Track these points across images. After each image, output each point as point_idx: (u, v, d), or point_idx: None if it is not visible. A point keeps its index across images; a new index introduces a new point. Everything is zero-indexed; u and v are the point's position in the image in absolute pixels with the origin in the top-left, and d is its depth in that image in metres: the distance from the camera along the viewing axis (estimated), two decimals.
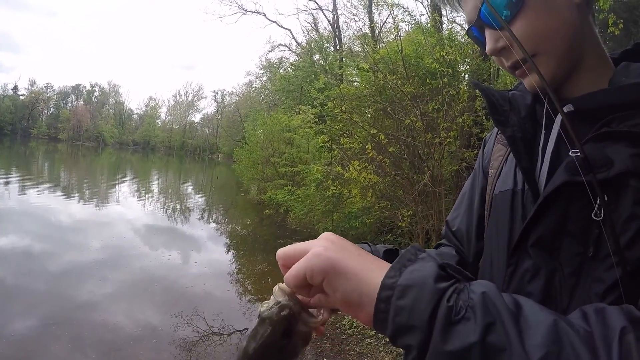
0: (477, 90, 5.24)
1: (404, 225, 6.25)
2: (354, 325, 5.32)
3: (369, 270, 0.52)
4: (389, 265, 0.51)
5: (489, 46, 0.71)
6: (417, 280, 0.48)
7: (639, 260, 0.55)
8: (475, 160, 1.45)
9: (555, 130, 0.71)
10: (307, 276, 0.54)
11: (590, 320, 0.46)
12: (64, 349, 4.67)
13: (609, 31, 9.31)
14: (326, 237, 0.57)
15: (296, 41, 28.80)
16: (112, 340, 4.91)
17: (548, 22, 0.67)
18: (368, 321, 0.51)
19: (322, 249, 0.54)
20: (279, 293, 0.58)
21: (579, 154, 0.59)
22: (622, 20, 9.02)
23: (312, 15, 28.00)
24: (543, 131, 0.75)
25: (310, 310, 0.60)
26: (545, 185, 0.68)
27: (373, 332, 5.01)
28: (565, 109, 0.69)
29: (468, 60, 7.02)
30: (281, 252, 0.62)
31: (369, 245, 0.87)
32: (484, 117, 5.92)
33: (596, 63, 0.72)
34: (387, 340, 4.46)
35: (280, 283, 0.60)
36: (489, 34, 0.71)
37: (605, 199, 0.57)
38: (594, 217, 0.59)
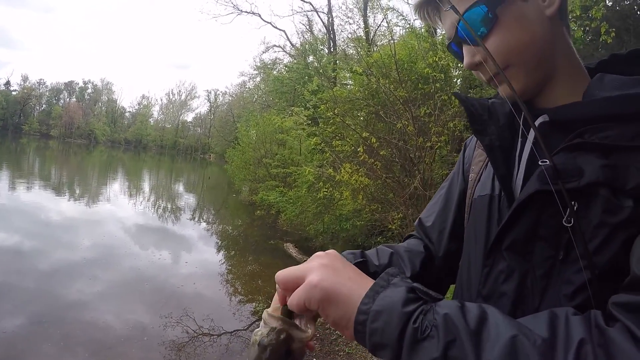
0: (469, 94, 5.41)
1: (394, 227, 6.29)
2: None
3: (356, 296, 0.60)
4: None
5: (466, 61, 0.76)
6: (387, 306, 0.57)
7: (607, 264, 0.59)
8: None
9: (531, 138, 0.74)
10: (306, 305, 0.63)
11: (556, 330, 0.51)
12: (55, 347, 4.66)
13: (601, 39, 9.44)
14: (320, 261, 0.67)
15: (290, 42, 28.84)
16: (102, 340, 4.90)
17: (519, 37, 0.71)
18: (352, 339, 0.61)
19: (318, 279, 0.63)
20: (270, 320, 0.66)
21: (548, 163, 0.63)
22: (614, 29, 9.15)
23: (307, 17, 27.97)
24: (519, 139, 0.78)
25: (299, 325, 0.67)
26: (520, 192, 0.71)
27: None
28: (540, 119, 0.73)
29: (461, 66, 7.06)
30: (280, 277, 0.68)
31: (365, 255, 0.93)
32: None
33: (570, 74, 0.75)
34: None
35: (267, 309, 0.69)
36: (466, 50, 0.76)
37: (576, 207, 0.61)
38: (564, 224, 0.62)
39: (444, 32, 0.83)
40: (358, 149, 6.48)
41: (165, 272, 7.82)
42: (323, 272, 0.64)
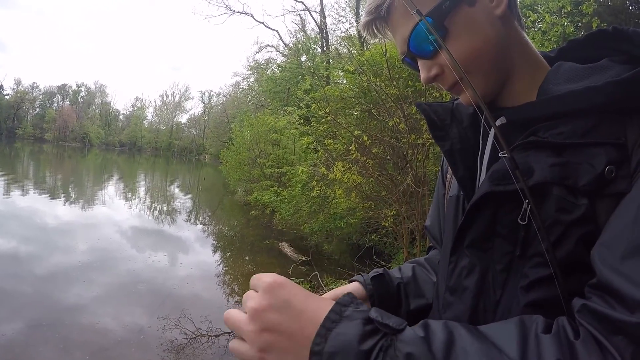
0: None
1: (387, 225, 6.34)
2: None
3: (305, 338, 0.55)
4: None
5: (422, 75, 0.76)
6: (341, 347, 0.52)
7: (563, 260, 0.60)
8: None
9: (491, 140, 0.77)
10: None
11: (527, 351, 0.50)
12: (53, 351, 4.68)
13: None
14: (263, 297, 0.59)
15: (283, 42, 28.81)
16: (100, 342, 4.93)
17: (472, 44, 0.71)
18: None
19: (255, 333, 0.57)
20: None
21: (500, 165, 0.67)
22: (605, 24, 9.22)
23: (300, 16, 27.96)
24: (481, 141, 0.80)
25: None
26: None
27: None
28: (499, 121, 0.73)
29: None
30: (226, 319, 0.64)
31: (362, 276, 0.97)
32: None
33: (528, 68, 0.75)
34: None
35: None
36: (421, 64, 0.76)
37: (530, 205, 0.62)
38: (519, 222, 0.64)
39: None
40: (350, 148, 6.51)
41: (162, 274, 7.84)
42: (267, 315, 0.58)
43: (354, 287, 0.96)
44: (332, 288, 4.92)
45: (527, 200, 0.62)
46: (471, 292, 0.71)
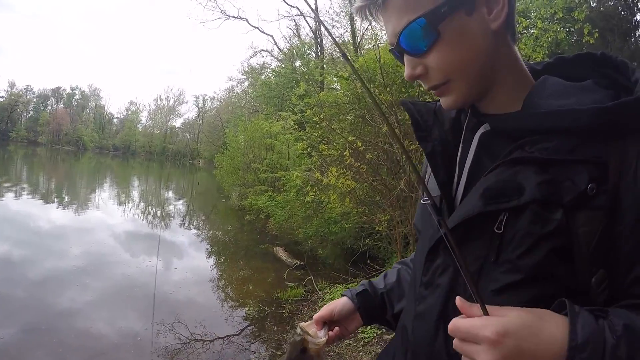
0: None
1: (381, 229, 6.38)
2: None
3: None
4: None
5: (407, 72, 0.77)
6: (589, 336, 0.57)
7: (532, 268, 0.66)
8: None
9: (474, 147, 0.79)
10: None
11: None
12: (48, 355, 4.66)
13: (584, 40, 9.62)
14: (492, 354, 0.58)
15: (278, 47, 28.86)
16: (95, 347, 4.91)
17: (462, 54, 0.72)
18: None
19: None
20: (297, 329, 0.93)
21: (490, 181, 0.71)
22: (597, 30, 9.34)
23: (295, 21, 28.05)
24: (461, 145, 0.83)
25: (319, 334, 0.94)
26: (463, 197, 0.78)
27: (351, 334, 5.14)
28: (482, 129, 0.78)
29: None
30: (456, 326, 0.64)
31: (349, 291, 1.09)
32: None
33: (513, 81, 0.77)
34: (366, 341, 4.58)
35: (301, 323, 0.97)
36: (407, 61, 0.76)
37: (506, 216, 0.68)
38: (496, 231, 0.69)
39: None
40: (344, 153, 6.56)
41: (157, 278, 7.84)
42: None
43: (344, 301, 1.05)
44: (327, 292, 4.96)
45: (505, 213, 0.68)
46: (444, 289, 0.77)
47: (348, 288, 1.09)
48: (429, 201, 0.76)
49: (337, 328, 1.01)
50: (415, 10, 0.71)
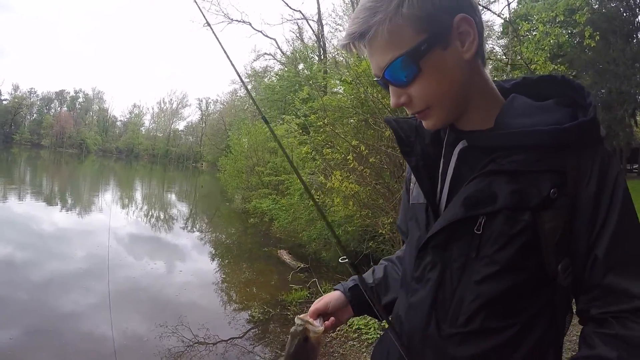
0: None
1: (384, 232, 6.40)
2: (338, 329, 5.50)
3: None
4: None
5: (392, 101, 0.88)
6: None
7: (507, 261, 0.81)
8: None
9: (454, 160, 0.92)
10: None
11: None
12: (51, 358, 4.69)
13: (585, 43, 9.64)
14: None
15: (281, 51, 29.01)
16: (98, 350, 4.88)
17: (439, 84, 0.84)
18: None
19: None
20: (298, 320, 1.03)
21: (470, 190, 0.84)
22: (598, 33, 9.37)
23: (297, 24, 28.15)
24: (442, 159, 0.95)
25: (316, 324, 1.03)
26: (447, 204, 0.91)
27: (355, 335, 5.15)
28: (460, 145, 0.91)
29: None
30: None
31: (342, 285, 1.21)
32: None
33: (484, 101, 0.90)
34: (370, 342, 4.60)
35: (298, 315, 1.06)
36: (392, 90, 0.87)
37: (483, 220, 0.82)
38: (475, 232, 0.83)
39: None
40: (348, 157, 6.59)
41: (160, 281, 7.86)
42: None
43: (337, 295, 1.16)
44: None
45: (482, 217, 0.82)
46: (433, 283, 0.89)
47: (340, 283, 1.21)
48: (423, 205, 0.94)
49: (332, 318, 1.13)
50: (398, 47, 0.81)
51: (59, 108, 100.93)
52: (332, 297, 1.15)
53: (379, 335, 4.98)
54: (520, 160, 0.81)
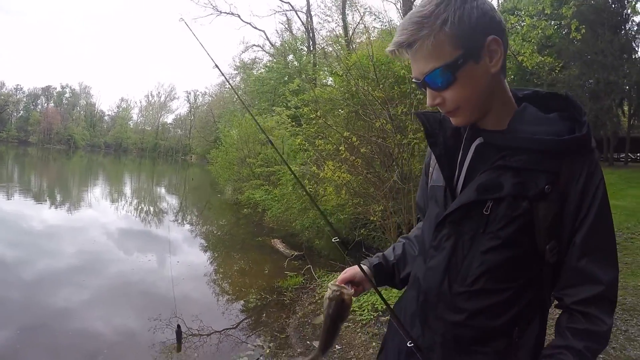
0: None
1: (375, 220, 6.48)
2: None
3: None
4: None
5: (429, 101, 1.07)
6: None
7: (507, 237, 1.01)
8: None
9: (471, 153, 1.12)
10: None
11: None
12: (43, 355, 4.64)
13: (572, 36, 9.73)
14: None
15: (270, 42, 28.83)
16: (92, 346, 4.86)
17: (469, 91, 1.03)
18: None
19: None
20: (332, 286, 1.20)
21: (482, 180, 1.05)
22: (584, 26, 9.45)
23: (287, 16, 27.98)
24: (461, 152, 1.15)
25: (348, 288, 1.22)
26: (462, 188, 1.11)
27: (350, 317, 5.19)
28: (477, 141, 1.10)
29: None
30: None
31: (368, 261, 1.42)
32: None
33: (502, 107, 1.09)
34: (364, 323, 4.68)
35: (330, 282, 1.24)
36: (429, 92, 1.06)
37: (491, 204, 1.03)
38: (484, 212, 1.04)
39: None
40: (340, 148, 6.62)
41: (152, 275, 7.83)
42: None
43: (364, 268, 1.31)
44: (324, 281, 5.04)
45: (490, 201, 1.03)
46: (448, 251, 1.11)
47: (366, 259, 1.44)
48: (442, 187, 1.16)
49: (357, 287, 1.32)
50: (439, 59, 0.99)
51: (45, 104, 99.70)
52: (356, 270, 1.31)
53: (372, 317, 5.06)
54: (524, 160, 1.00)
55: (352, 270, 1.31)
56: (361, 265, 1.30)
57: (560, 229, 1.00)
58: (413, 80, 1.08)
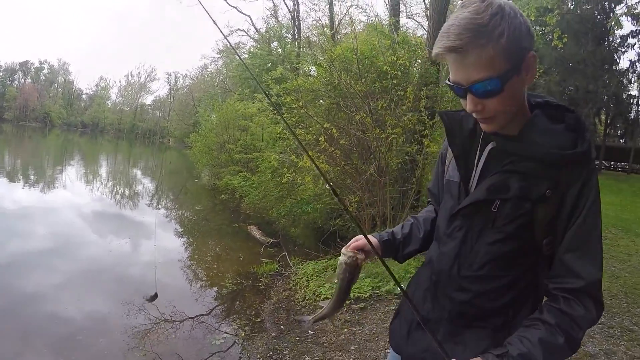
0: (422, 92, 6.40)
1: (351, 210, 6.57)
2: (306, 297, 5.73)
3: None
4: None
5: (469, 107, 1.12)
6: None
7: (511, 231, 1.16)
8: (417, 154, 5.37)
9: (485, 155, 1.24)
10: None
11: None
12: (13, 343, 4.49)
13: (553, 44, 9.95)
14: None
15: (255, 28, 28.47)
16: (63, 332, 4.78)
17: (509, 103, 1.11)
18: None
19: None
20: (347, 252, 1.33)
21: (493, 181, 1.18)
22: (566, 35, 9.64)
23: (273, 2, 27.67)
24: (478, 152, 1.27)
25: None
26: (477, 185, 1.25)
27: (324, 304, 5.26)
28: (490, 145, 1.23)
29: (419, 61, 7.34)
30: None
31: (378, 235, 1.52)
32: (426, 117, 6.41)
33: (519, 115, 1.18)
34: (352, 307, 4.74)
35: (343, 249, 1.37)
36: (470, 99, 1.10)
37: (498, 203, 1.17)
38: (492, 210, 1.18)
39: (405, 30, 1.15)
40: (320, 138, 6.65)
41: (125, 259, 7.76)
42: None
43: (373, 241, 1.44)
44: (299, 268, 5.13)
45: (497, 200, 1.17)
46: (459, 240, 1.27)
47: (377, 232, 1.58)
48: (457, 183, 1.31)
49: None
50: (491, 69, 1.03)
51: (22, 80, 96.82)
52: (365, 242, 1.41)
53: (344, 305, 5.13)
54: (530, 166, 1.13)
55: (363, 241, 1.41)
56: (369, 237, 1.42)
57: (556, 227, 1.14)
58: (449, 83, 1.14)
